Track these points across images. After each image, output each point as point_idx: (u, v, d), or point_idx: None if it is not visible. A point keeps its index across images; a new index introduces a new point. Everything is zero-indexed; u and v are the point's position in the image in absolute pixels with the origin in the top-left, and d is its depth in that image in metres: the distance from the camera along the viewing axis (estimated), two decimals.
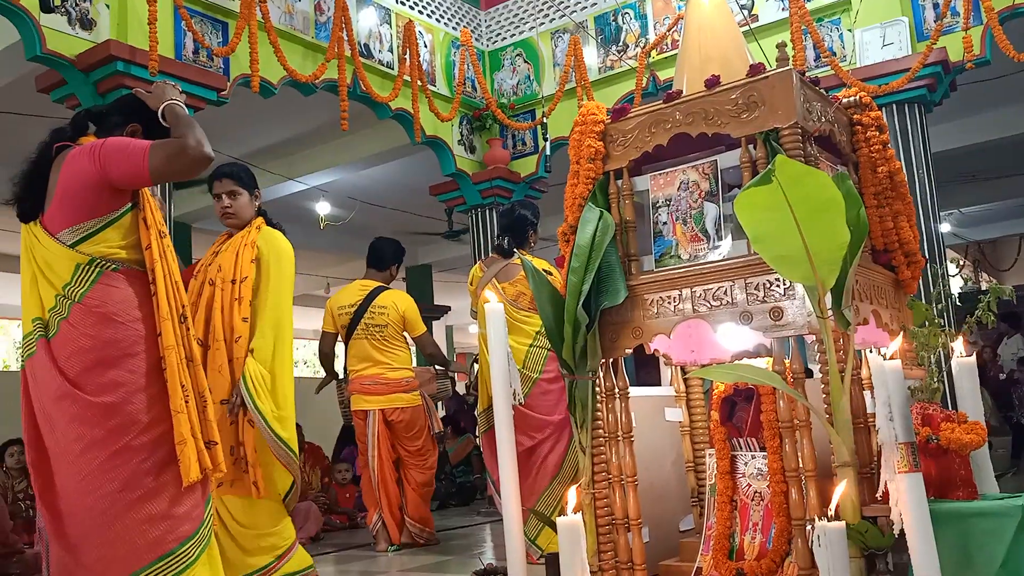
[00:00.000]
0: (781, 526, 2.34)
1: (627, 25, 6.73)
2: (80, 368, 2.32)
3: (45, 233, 2.39)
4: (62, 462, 2.32)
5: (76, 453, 2.29)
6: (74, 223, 2.37)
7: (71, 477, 2.30)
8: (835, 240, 2.06)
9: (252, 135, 7.83)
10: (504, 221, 4.71)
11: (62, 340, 2.35)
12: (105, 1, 4.79)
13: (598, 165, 2.67)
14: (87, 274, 2.36)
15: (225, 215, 3.63)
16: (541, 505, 4.33)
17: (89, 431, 2.29)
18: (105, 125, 2.59)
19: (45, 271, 2.39)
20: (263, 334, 3.41)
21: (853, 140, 2.73)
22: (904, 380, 1.98)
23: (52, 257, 2.38)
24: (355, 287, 5.33)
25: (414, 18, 6.65)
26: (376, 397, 5.15)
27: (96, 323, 2.35)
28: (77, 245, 2.37)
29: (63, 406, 2.31)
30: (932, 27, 5.43)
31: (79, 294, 2.35)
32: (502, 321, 2.70)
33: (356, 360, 5.20)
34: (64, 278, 2.36)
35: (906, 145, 5.55)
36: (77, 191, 2.36)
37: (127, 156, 2.34)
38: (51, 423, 2.33)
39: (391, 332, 5.19)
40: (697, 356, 2.82)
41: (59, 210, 2.39)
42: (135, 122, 2.57)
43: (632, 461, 2.56)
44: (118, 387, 2.32)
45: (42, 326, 2.38)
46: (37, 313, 2.39)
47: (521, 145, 7.41)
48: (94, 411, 2.29)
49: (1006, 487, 4.09)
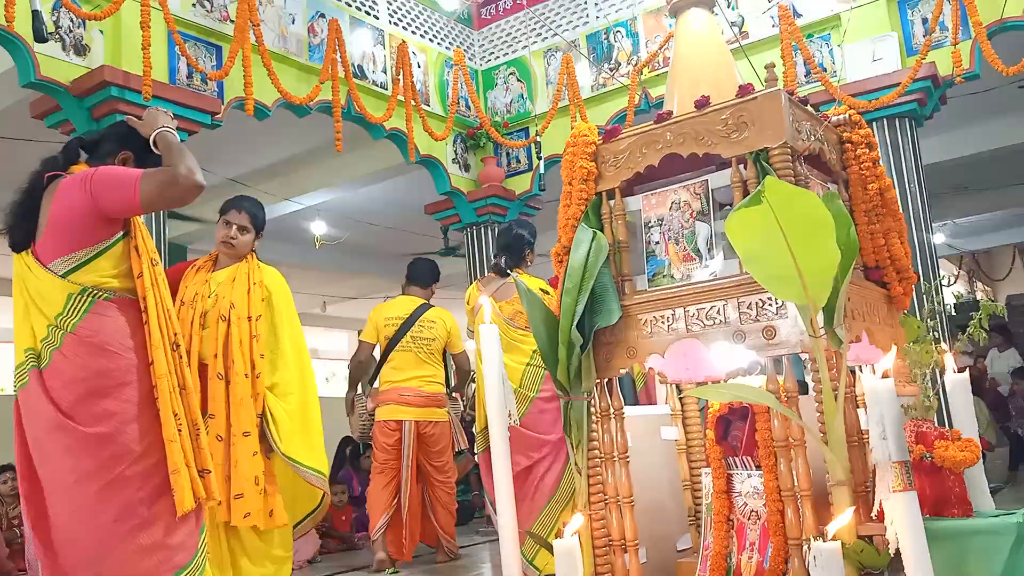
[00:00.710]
0: (778, 545, 2.34)
1: (619, 43, 6.77)
2: (73, 398, 2.32)
3: (37, 263, 2.39)
4: (55, 493, 2.31)
5: (69, 484, 2.28)
6: (66, 253, 2.37)
7: (64, 508, 2.29)
8: (826, 259, 2.07)
9: (247, 156, 7.85)
10: (501, 240, 4.72)
11: (55, 370, 2.34)
12: (99, 27, 4.81)
13: (590, 186, 2.68)
14: (79, 304, 2.36)
15: (226, 243, 3.66)
16: (539, 525, 4.31)
17: (82, 462, 2.28)
18: (97, 153, 2.59)
19: (37, 301, 2.38)
20: (287, 368, 3.50)
21: (843, 158, 2.75)
22: (897, 398, 1.98)
23: (44, 287, 2.37)
24: (404, 300, 5.48)
25: (407, 39, 6.69)
26: (414, 408, 5.25)
27: (89, 353, 2.34)
28: (69, 275, 2.37)
29: (56, 437, 2.30)
30: (921, 42, 5.47)
31: (71, 324, 2.35)
32: (496, 341, 2.70)
33: (396, 371, 5.29)
34: (56, 308, 2.36)
35: (898, 159, 5.58)
36: (69, 221, 2.36)
37: (118, 186, 2.34)
38: (44, 454, 2.33)
39: (437, 347, 5.35)
40: (692, 374, 2.82)
41: (51, 240, 2.38)
42: (127, 149, 2.57)
43: (628, 481, 2.55)
44: (111, 417, 2.32)
45: (34, 356, 2.37)
46: (29, 343, 2.38)
47: (515, 163, 7.44)
48: (87, 442, 2.29)
49: (1003, 501, 4.09)
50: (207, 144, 5.87)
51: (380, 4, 6.62)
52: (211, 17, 5.32)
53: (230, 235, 3.66)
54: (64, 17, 4.68)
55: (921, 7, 5.66)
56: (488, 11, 7.53)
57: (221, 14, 5.38)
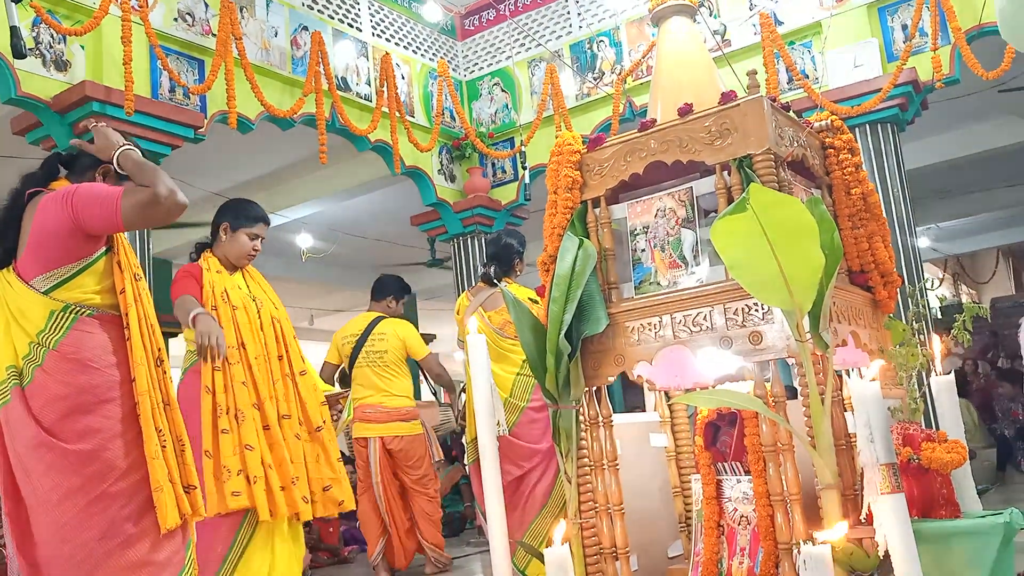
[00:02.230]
0: (768, 550, 2.34)
1: (602, 53, 6.80)
2: (56, 416, 2.30)
3: (19, 280, 2.37)
4: (39, 511, 2.29)
5: (54, 503, 2.26)
6: (47, 269, 2.35)
7: (49, 526, 2.26)
8: (810, 264, 2.08)
9: (231, 170, 7.83)
10: (490, 249, 4.72)
11: (37, 388, 2.32)
12: (80, 42, 4.79)
13: (576, 194, 2.69)
14: (62, 320, 2.34)
15: (251, 256, 3.62)
16: (530, 535, 4.31)
17: (66, 479, 2.26)
18: (76, 168, 2.57)
19: (19, 318, 2.36)
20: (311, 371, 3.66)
21: (826, 163, 2.77)
22: (883, 402, 2.00)
23: (26, 304, 2.35)
24: (359, 318, 5.52)
25: (391, 50, 6.69)
26: (376, 425, 5.25)
27: (71, 370, 2.32)
28: (51, 291, 2.35)
29: (39, 454, 2.28)
30: (902, 48, 5.52)
31: (54, 341, 2.33)
32: (484, 351, 2.70)
33: (359, 388, 5.31)
34: (38, 325, 2.34)
35: (880, 163, 5.62)
36: (49, 237, 2.35)
37: (99, 204, 2.32)
38: (27, 471, 2.30)
39: (391, 358, 5.32)
40: (680, 381, 2.83)
41: (32, 256, 2.37)
42: (106, 162, 2.53)
43: (618, 489, 2.55)
44: (95, 434, 2.30)
45: (16, 374, 2.35)
46: (11, 361, 2.36)
47: (501, 173, 7.45)
48: (71, 459, 2.27)
49: (990, 502, 4.12)
50: (190, 158, 5.86)
51: (363, 16, 6.63)
52: (193, 31, 5.31)
53: (257, 249, 3.63)
54: (44, 33, 4.65)
55: (901, 13, 5.71)
56: (471, 22, 7.55)
57: (203, 28, 5.37)
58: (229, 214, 3.63)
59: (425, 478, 5.34)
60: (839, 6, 5.80)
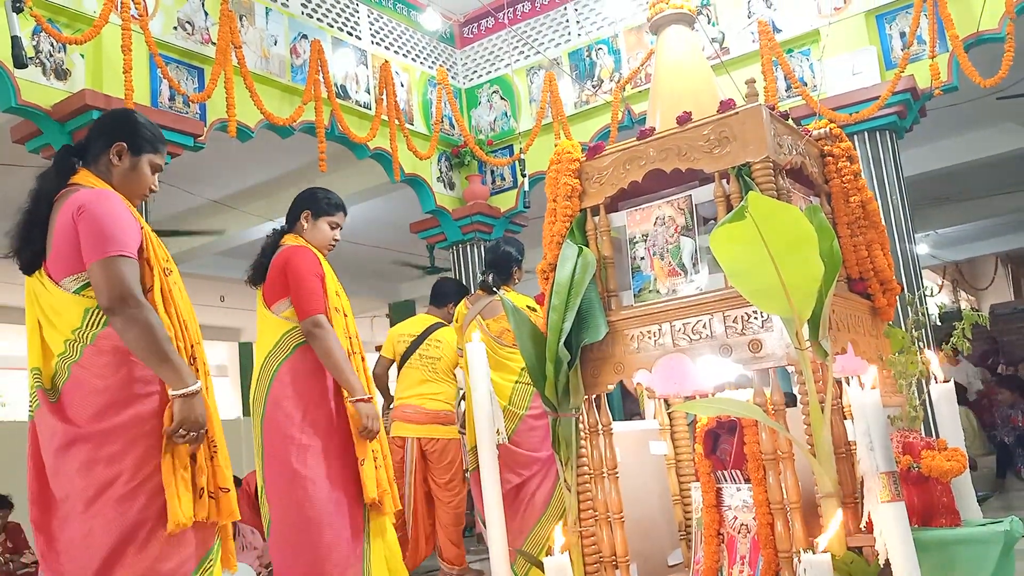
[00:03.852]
0: (768, 559, 2.33)
1: (601, 60, 6.81)
2: (93, 411, 2.23)
3: (50, 280, 2.31)
4: (70, 515, 2.22)
5: (81, 508, 2.20)
6: (74, 272, 2.30)
7: (78, 532, 2.20)
8: (810, 272, 2.08)
9: (231, 177, 7.84)
10: (488, 257, 4.72)
11: (74, 384, 2.26)
12: (80, 51, 4.80)
13: (575, 203, 2.69)
14: (97, 316, 2.28)
15: (331, 246, 3.55)
16: (530, 543, 4.30)
17: (99, 476, 2.20)
18: (90, 155, 2.49)
19: (52, 317, 2.30)
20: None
21: (825, 171, 2.77)
22: (883, 410, 1.99)
23: (60, 304, 2.30)
24: (419, 319, 5.56)
25: (390, 58, 6.71)
26: (415, 425, 5.25)
27: (109, 363, 2.26)
28: (82, 291, 2.29)
29: (72, 453, 2.22)
30: (900, 55, 5.54)
31: (91, 335, 2.27)
32: (484, 360, 2.70)
33: (404, 388, 5.34)
34: (74, 323, 2.28)
35: (879, 171, 5.63)
36: (70, 243, 2.30)
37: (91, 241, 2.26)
38: (56, 475, 2.24)
39: (443, 366, 5.34)
40: (680, 389, 2.83)
41: (59, 258, 2.31)
42: (119, 140, 2.47)
43: (618, 498, 2.55)
44: (127, 430, 2.23)
45: (49, 375, 2.30)
46: (36, 363, 2.31)
47: (500, 180, 7.46)
48: (104, 455, 2.20)
49: (990, 509, 4.11)
50: (190, 166, 5.88)
51: (362, 24, 6.64)
52: (193, 40, 5.32)
53: (337, 239, 3.56)
54: (44, 42, 4.67)
55: (899, 21, 5.73)
56: (470, 30, 7.57)
57: (203, 36, 5.38)
58: (310, 202, 3.55)
59: (452, 483, 5.32)
60: (837, 14, 5.82)
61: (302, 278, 3.22)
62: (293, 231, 3.52)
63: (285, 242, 3.43)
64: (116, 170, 2.48)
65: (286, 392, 3.15)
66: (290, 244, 3.39)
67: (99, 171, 2.47)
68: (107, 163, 2.47)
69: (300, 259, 3.27)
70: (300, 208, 3.53)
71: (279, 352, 3.19)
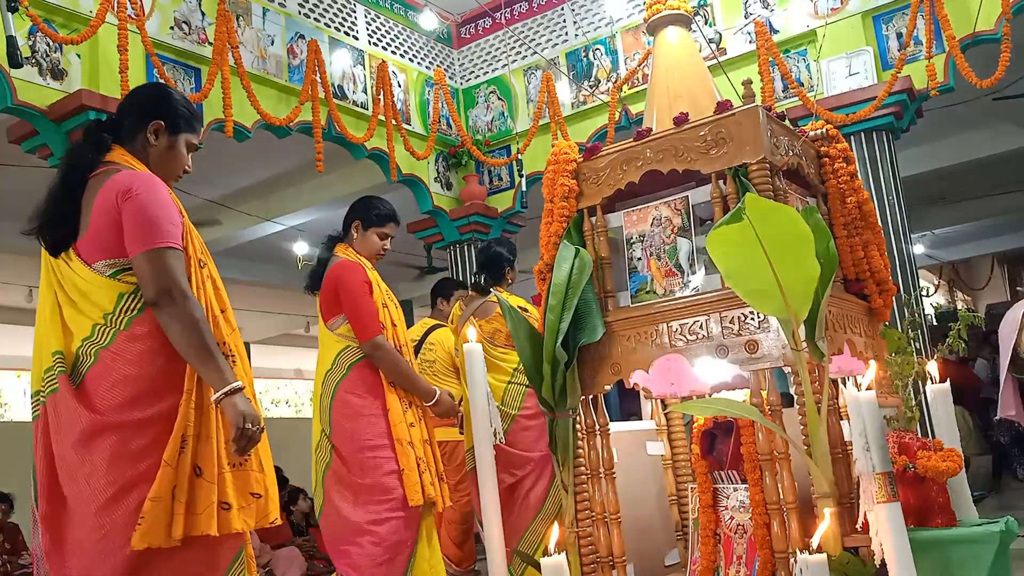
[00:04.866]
0: (765, 559, 2.34)
1: (598, 61, 6.81)
2: (122, 399, 2.10)
3: (81, 262, 2.18)
4: (83, 513, 2.07)
5: (99, 506, 2.05)
6: (109, 256, 2.17)
7: (91, 531, 2.06)
8: (806, 273, 2.08)
9: (228, 177, 7.83)
10: (480, 258, 4.72)
11: (102, 370, 2.12)
12: (76, 51, 4.79)
13: (572, 203, 2.70)
14: (133, 302, 2.16)
15: (380, 256, 3.60)
16: (525, 543, 4.30)
17: (119, 478, 2.06)
18: (124, 131, 2.35)
19: (79, 301, 2.17)
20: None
21: (821, 172, 2.78)
22: (879, 410, 2.00)
23: (89, 287, 2.17)
24: (419, 324, 5.57)
25: (387, 59, 6.70)
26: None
27: (145, 352, 2.13)
28: (117, 276, 2.17)
29: (95, 446, 2.08)
30: (896, 56, 5.54)
31: (125, 321, 2.15)
32: (481, 361, 2.70)
33: None
34: (105, 307, 2.15)
35: (875, 172, 5.64)
36: (111, 226, 2.17)
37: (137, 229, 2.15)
38: (71, 467, 2.10)
39: (439, 368, 5.31)
40: (677, 389, 2.83)
41: (93, 240, 2.19)
42: (156, 118, 2.34)
43: (615, 498, 2.55)
44: (155, 424, 2.10)
45: (70, 360, 2.16)
46: (58, 346, 2.17)
47: (497, 181, 7.46)
48: (132, 448, 2.07)
49: (986, 509, 4.12)
50: None
51: (359, 25, 6.64)
52: (189, 39, 5.32)
53: (387, 248, 3.61)
54: (40, 42, 4.66)
55: (895, 22, 5.73)
56: (468, 30, 7.57)
57: (199, 36, 5.37)
58: (361, 212, 3.58)
59: (462, 483, 5.30)
60: (834, 14, 5.82)
61: (355, 298, 3.31)
62: (345, 240, 3.58)
63: (336, 253, 3.50)
64: (153, 149, 2.36)
65: (344, 411, 3.28)
66: (340, 257, 3.45)
67: (135, 149, 2.34)
68: (143, 141, 2.35)
69: (349, 277, 3.35)
70: (351, 218, 3.59)
71: (336, 372, 3.32)
